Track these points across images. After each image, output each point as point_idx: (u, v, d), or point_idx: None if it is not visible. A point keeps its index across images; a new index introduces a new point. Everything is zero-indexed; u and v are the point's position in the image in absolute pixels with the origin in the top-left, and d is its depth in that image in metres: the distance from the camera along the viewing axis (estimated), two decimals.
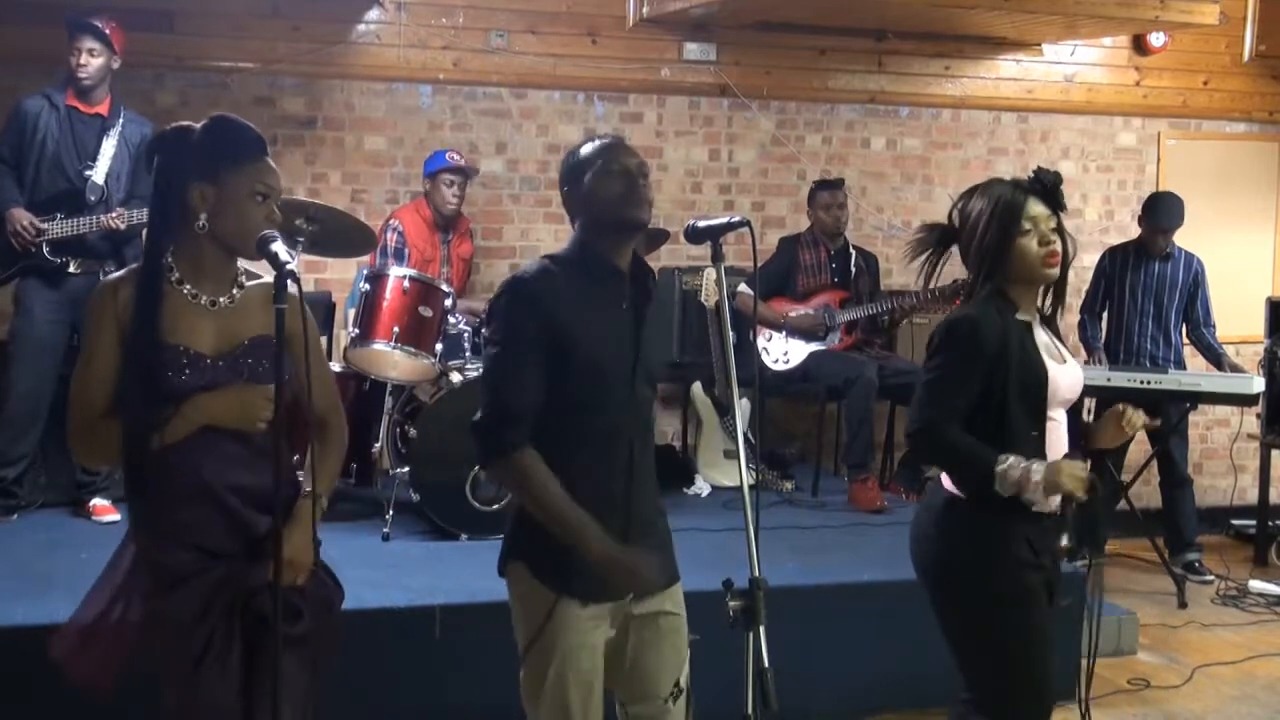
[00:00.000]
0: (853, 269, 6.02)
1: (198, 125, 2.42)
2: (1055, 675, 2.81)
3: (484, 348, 2.63)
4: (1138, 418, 2.79)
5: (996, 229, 2.70)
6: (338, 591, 2.59)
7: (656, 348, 2.69)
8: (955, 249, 2.88)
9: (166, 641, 2.35)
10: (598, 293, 2.56)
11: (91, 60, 4.81)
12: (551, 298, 2.50)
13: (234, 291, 2.45)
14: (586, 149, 2.61)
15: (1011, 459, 2.62)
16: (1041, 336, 2.80)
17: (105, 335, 2.34)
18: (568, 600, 2.49)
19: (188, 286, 2.39)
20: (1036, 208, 2.71)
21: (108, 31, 4.81)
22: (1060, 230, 2.74)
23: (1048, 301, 2.85)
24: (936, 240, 2.87)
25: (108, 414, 2.34)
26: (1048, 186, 2.73)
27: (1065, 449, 2.79)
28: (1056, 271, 2.73)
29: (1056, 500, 2.71)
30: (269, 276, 2.39)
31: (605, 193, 2.54)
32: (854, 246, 6.11)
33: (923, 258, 2.88)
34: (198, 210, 2.36)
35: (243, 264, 2.48)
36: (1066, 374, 2.79)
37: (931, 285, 2.93)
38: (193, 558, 2.35)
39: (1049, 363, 2.74)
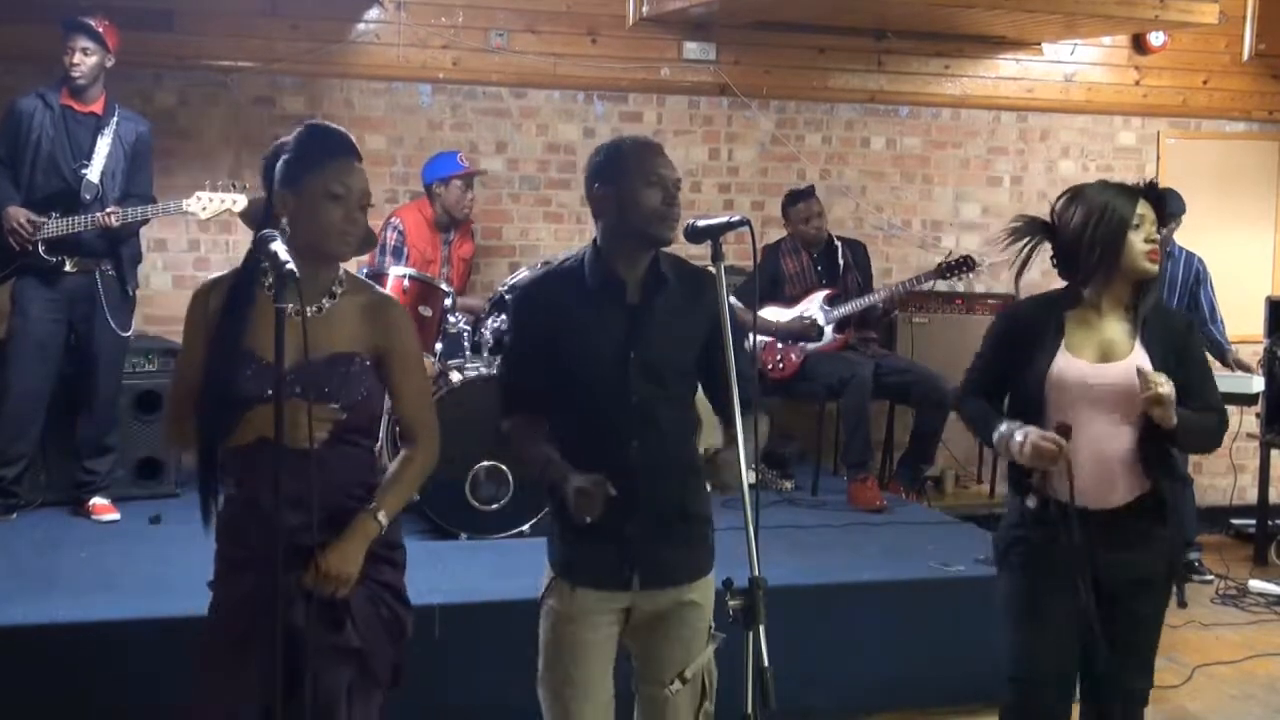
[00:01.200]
0: (840, 264, 5.99)
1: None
2: (1056, 660, 2.83)
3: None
4: (1161, 386, 2.68)
5: (1107, 226, 2.75)
6: (407, 615, 2.61)
7: (678, 345, 2.63)
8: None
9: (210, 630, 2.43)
10: (591, 298, 2.58)
11: (85, 59, 4.80)
12: (542, 302, 2.65)
13: (324, 301, 2.43)
14: (625, 148, 2.59)
15: (1004, 425, 2.76)
16: (1100, 331, 2.80)
17: (196, 336, 2.44)
18: (559, 581, 2.67)
19: None
20: (1144, 207, 2.80)
21: (101, 30, 4.80)
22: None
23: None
24: (1034, 231, 2.91)
25: (188, 410, 2.43)
26: (1158, 193, 2.84)
27: (1097, 453, 2.77)
28: (1156, 267, 2.80)
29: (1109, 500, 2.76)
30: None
31: (639, 202, 2.52)
32: (838, 239, 6.09)
33: (1017, 246, 2.91)
34: (279, 216, 2.38)
35: (344, 270, 2.49)
36: (1086, 370, 2.76)
37: (1018, 278, 2.97)
38: (244, 555, 2.39)
39: (1065, 356, 2.77)
